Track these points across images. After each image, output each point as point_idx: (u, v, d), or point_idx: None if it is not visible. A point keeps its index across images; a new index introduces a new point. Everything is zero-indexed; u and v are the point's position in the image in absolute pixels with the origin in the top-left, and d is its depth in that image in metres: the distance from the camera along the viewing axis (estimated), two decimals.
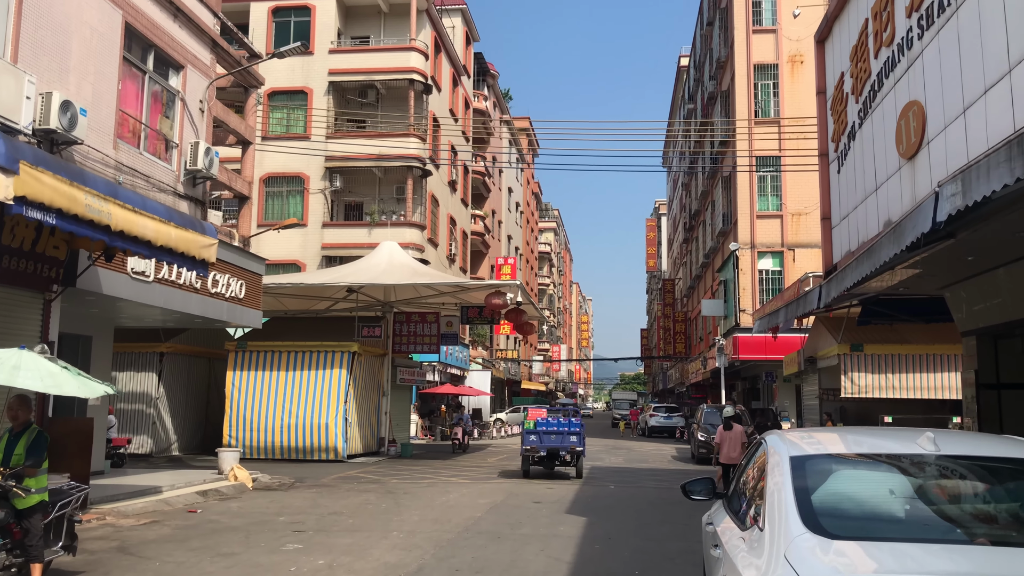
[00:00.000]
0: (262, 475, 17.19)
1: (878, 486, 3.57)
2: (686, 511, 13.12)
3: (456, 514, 12.28)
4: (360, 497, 14.41)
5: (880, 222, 12.17)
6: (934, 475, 3.57)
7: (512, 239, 62.67)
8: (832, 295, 10.32)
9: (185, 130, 15.29)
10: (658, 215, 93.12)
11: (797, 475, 3.47)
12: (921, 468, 3.59)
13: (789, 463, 3.59)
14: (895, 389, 20.03)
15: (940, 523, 3.27)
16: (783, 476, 3.50)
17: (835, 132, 14.79)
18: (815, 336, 22.76)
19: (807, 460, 3.63)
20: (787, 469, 3.54)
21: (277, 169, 34.08)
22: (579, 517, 12.15)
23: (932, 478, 3.56)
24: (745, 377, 41.12)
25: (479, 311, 25.07)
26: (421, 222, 33.88)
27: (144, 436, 22.44)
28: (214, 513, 12.15)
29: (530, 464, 18.51)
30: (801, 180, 31.64)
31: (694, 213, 47.99)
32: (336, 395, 22.24)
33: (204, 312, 15.52)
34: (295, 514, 12.14)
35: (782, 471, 3.55)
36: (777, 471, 3.62)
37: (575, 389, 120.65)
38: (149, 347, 22.84)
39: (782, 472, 3.54)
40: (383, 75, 33.92)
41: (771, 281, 31.76)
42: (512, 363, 62.05)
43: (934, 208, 6.62)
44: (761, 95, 32.83)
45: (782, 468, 3.58)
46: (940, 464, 3.58)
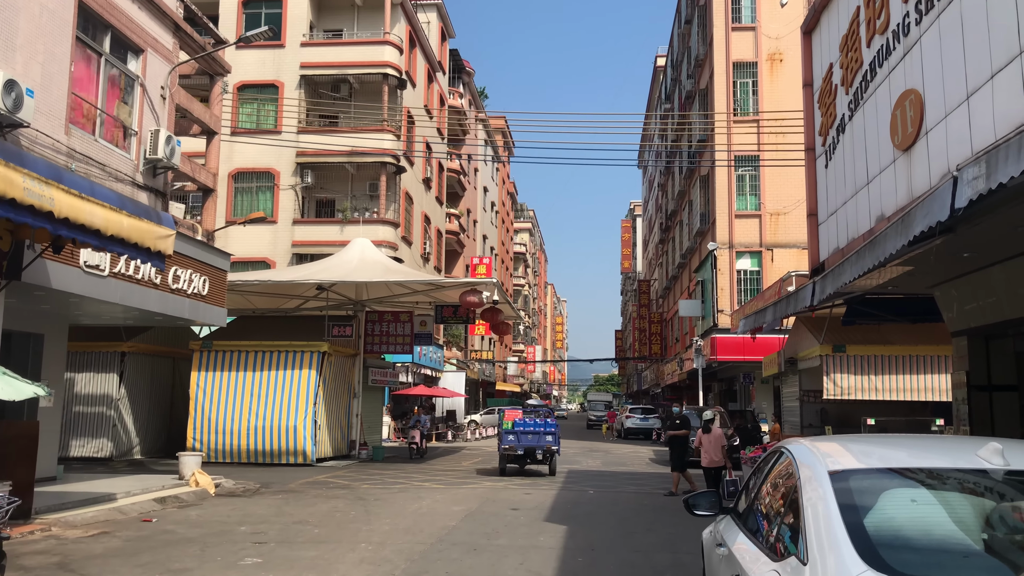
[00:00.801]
0: (226, 480, 16.41)
1: (942, 509, 2.97)
2: (670, 518, 12.57)
3: (429, 523, 11.62)
4: (328, 504, 13.70)
5: (872, 217, 11.70)
6: (1008, 495, 2.98)
7: (487, 239, 62.03)
8: (828, 291, 9.80)
9: (145, 117, 14.50)
10: (633, 216, 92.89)
11: (842, 495, 2.88)
12: (990, 486, 2.99)
13: (829, 479, 3.00)
14: (878, 391, 19.66)
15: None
16: (823, 496, 2.90)
17: (823, 126, 14.33)
18: (796, 337, 22.35)
19: (850, 476, 3.04)
20: (827, 487, 2.95)
21: (247, 164, 33.19)
22: (559, 525, 11.54)
23: (1007, 498, 2.97)
24: (722, 379, 40.76)
25: (454, 310, 24.39)
26: (395, 220, 33.15)
27: (104, 439, 21.54)
28: (171, 522, 11.40)
29: (507, 463, 19.59)
30: (780, 179, 31.33)
31: (670, 213, 47.63)
32: (305, 396, 21.48)
33: (164, 309, 14.72)
34: (257, 523, 11.42)
35: (820, 489, 2.96)
36: (813, 489, 3.03)
37: (549, 390, 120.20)
38: (110, 346, 21.94)
39: (821, 491, 2.95)
40: (356, 69, 33.15)
41: (749, 281, 31.39)
42: (487, 364, 61.38)
43: (952, 194, 6.09)
44: (740, 93, 32.46)
45: (820, 486, 2.99)
46: (1013, 481, 2.99)
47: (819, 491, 2.96)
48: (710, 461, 14.68)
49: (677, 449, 16.64)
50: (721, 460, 14.75)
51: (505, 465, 19.67)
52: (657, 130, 54.27)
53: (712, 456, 14.67)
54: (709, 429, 14.90)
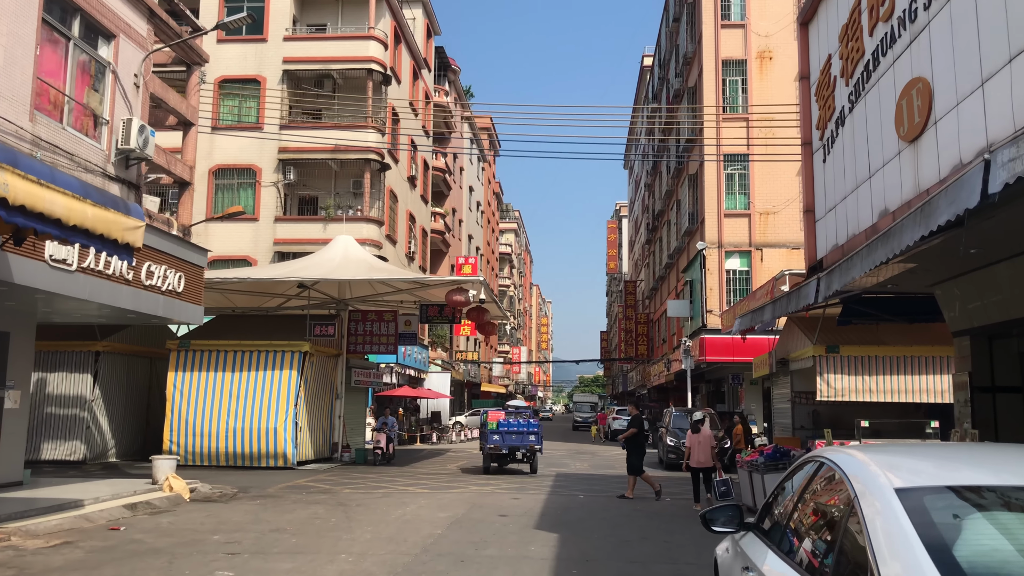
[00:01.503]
0: (202, 485, 15.79)
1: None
2: (665, 525, 12.08)
3: (413, 531, 11.06)
4: (307, 510, 13.12)
5: (875, 212, 11.26)
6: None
7: (473, 239, 61.47)
8: (835, 287, 9.33)
9: (117, 106, 13.87)
10: (619, 217, 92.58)
11: (919, 519, 2.36)
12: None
13: (898, 500, 2.48)
14: (872, 392, 19.26)
15: None
16: (895, 520, 2.39)
17: (820, 119, 13.90)
18: (787, 337, 21.94)
19: (924, 496, 2.52)
20: (898, 509, 2.44)
21: (227, 161, 32.51)
22: (550, 533, 11.01)
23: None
24: (710, 380, 40.39)
25: (439, 310, 23.85)
26: (379, 218, 32.54)
27: (77, 441, 20.83)
28: (140, 531, 10.79)
29: (491, 462, 20.66)
30: (769, 178, 30.97)
31: (657, 213, 47.24)
32: (286, 398, 20.86)
33: (137, 307, 14.08)
34: (232, 531, 10.83)
35: (888, 512, 2.45)
36: (877, 510, 2.51)
37: (534, 392, 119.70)
38: (83, 346, 21.24)
39: (890, 514, 2.44)
40: (340, 64, 32.54)
41: (739, 281, 31.00)
42: (472, 365, 60.81)
43: (984, 178, 5.62)
44: (729, 91, 32.08)
45: (886, 507, 2.48)
46: None
47: (885, 513, 2.45)
48: (698, 462, 14.57)
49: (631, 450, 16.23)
50: (710, 461, 14.57)
51: (489, 464, 20.70)
52: (644, 127, 53.91)
53: (700, 457, 14.53)
54: (698, 430, 14.74)
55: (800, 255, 30.55)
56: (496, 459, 20.70)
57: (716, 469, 14.71)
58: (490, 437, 20.37)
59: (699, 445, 14.64)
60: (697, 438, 14.77)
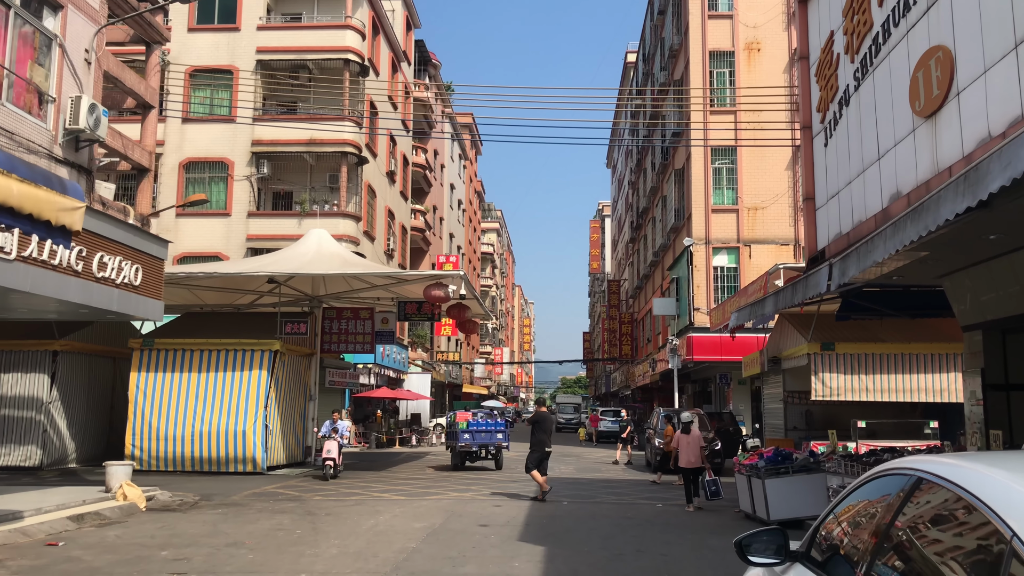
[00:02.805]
0: (161, 492, 14.71)
1: None
2: (659, 535, 11.15)
3: (385, 544, 10.06)
4: (271, 521, 12.09)
5: (885, 196, 10.40)
6: None
7: (454, 237, 60.45)
8: (851, 274, 8.43)
9: (65, 83, 12.79)
10: (602, 217, 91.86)
11: None
12: None
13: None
14: (869, 391, 18.43)
15: None
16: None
17: (821, 101, 13.06)
18: (779, 335, 21.13)
19: None
20: None
21: (198, 154, 31.35)
22: (535, 546, 10.04)
23: None
24: (696, 380, 39.59)
25: (418, 307, 22.84)
26: (356, 213, 31.47)
27: (33, 446, 19.67)
28: (80, 546, 9.73)
29: (461, 459, 22.17)
30: (758, 173, 30.21)
31: (642, 211, 46.44)
32: (255, 399, 19.78)
33: (88, 300, 12.98)
34: (184, 546, 9.79)
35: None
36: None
37: (517, 393, 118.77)
38: (40, 344, 20.09)
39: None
40: (316, 54, 31.44)
41: (727, 278, 30.19)
42: (453, 366, 59.76)
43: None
44: (716, 83, 31.30)
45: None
46: None
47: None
48: (688, 462, 14.55)
49: (534, 447, 15.78)
50: (699, 461, 14.47)
51: (459, 461, 22.22)
52: (628, 122, 53.12)
53: (690, 457, 14.49)
54: (688, 430, 14.74)
55: (790, 252, 29.92)
56: (465, 456, 22.31)
57: (706, 469, 14.59)
58: (460, 436, 21.70)
59: (688, 445, 14.57)
60: (687, 439, 14.73)
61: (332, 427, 19.53)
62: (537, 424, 15.95)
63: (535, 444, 15.77)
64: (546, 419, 16.21)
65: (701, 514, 13.75)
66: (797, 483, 11.86)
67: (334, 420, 19.70)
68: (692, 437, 14.80)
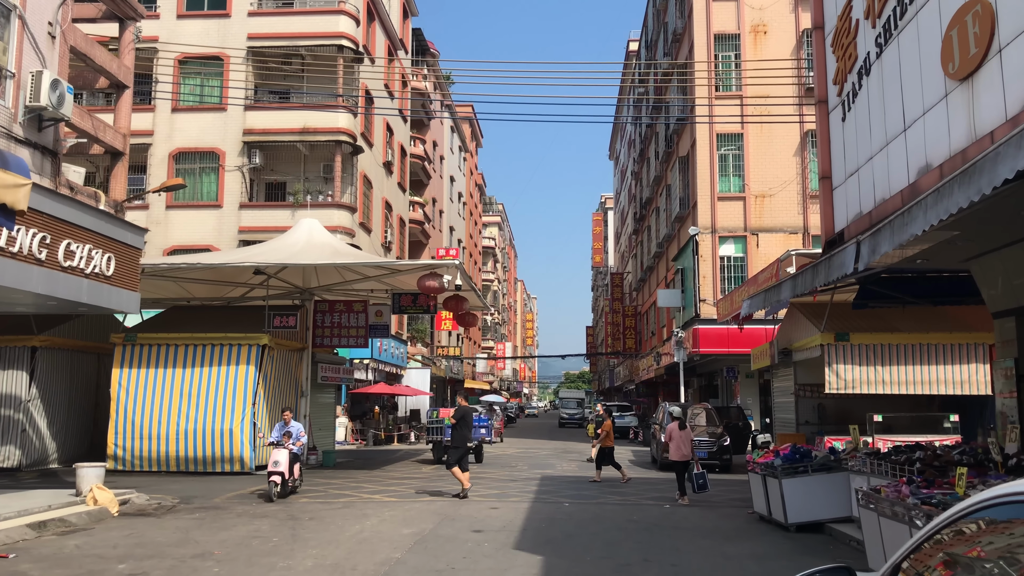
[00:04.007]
0: (138, 495, 13.85)
1: None
2: (668, 541, 10.25)
3: (368, 554, 9.17)
4: (249, 526, 11.21)
5: (912, 169, 9.50)
6: None
7: (455, 231, 59.51)
8: (883, 250, 7.51)
9: (26, 57, 11.90)
10: (604, 209, 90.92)
11: None
12: None
13: None
14: (885, 383, 17.51)
15: None
16: None
17: (838, 72, 12.15)
18: (789, 326, 20.22)
19: None
20: None
21: (189, 144, 30.46)
22: (532, 555, 9.15)
23: None
24: (701, 373, 38.70)
25: (413, 299, 21.93)
26: (351, 204, 30.56)
27: (11, 446, 18.82)
28: (32, 559, 8.85)
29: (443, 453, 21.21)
30: (765, 159, 29.27)
31: (645, 201, 45.49)
32: (242, 396, 18.90)
33: (52, 291, 12.11)
34: (146, 558, 8.92)
35: None
36: None
37: (520, 388, 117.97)
38: (17, 340, 19.22)
39: None
40: (309, 40, 30.49)
41: (733, 268, 29.26)
42: (454, 361, 58.89)
43: None
44: (722, 67, 30.34)
45: None
46: None
47: None
48: (681, 455, 15.07)
49: (457, 443, 15.35)
50: (690, 454, 15.08)
51: (440, 454, 22.22)
52: (632, 104, 52.14)
53: (684, 451, 15.07)
54: (685, 426, 15.37)
55: (799, 240, 28.95)
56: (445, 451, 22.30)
57: (695, 461, 15.14)
58: (445, 431, 21.99)
59: (682, 440, 15.14)
60: (682, 433, 15.23)
61: (283, 430, 15.15)
62: (460, 420, 15.47)
63: (456, 440, 15.31)
64: (469, 415, 15.85)
65: (712, 516, 12.87)
66: (817, 483, 10.96)
67: (285, 421, 15.38)
68: (687, 432, 15.27)
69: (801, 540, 10.41)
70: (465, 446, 15.22)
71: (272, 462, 14.38)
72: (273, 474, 14.18)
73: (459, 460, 14.86)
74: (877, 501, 7.14)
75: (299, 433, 15.21)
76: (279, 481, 14.13)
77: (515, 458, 25.40)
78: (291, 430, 15.07)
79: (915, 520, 6.38)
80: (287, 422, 15.29)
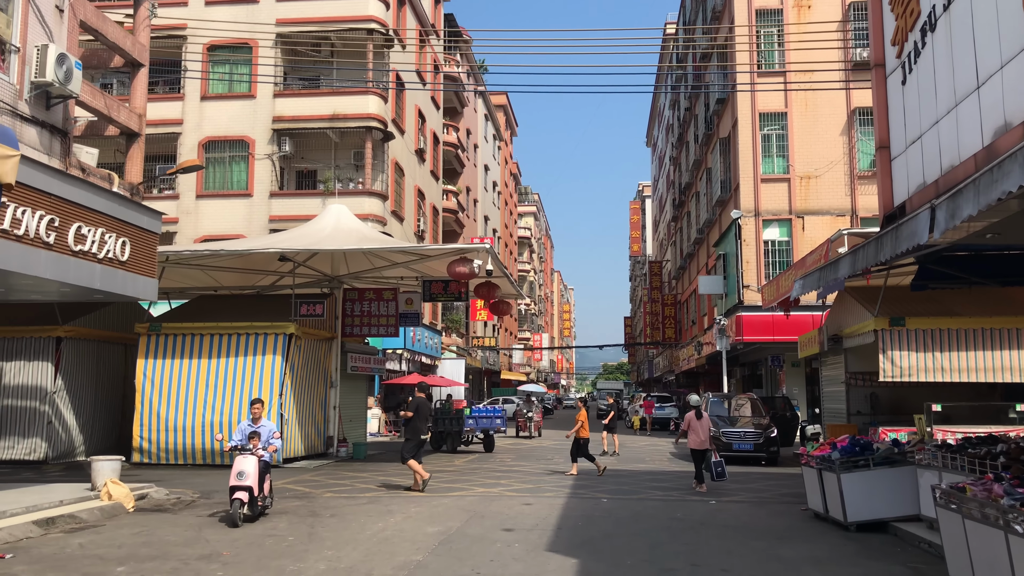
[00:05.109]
0: (157, 490, 13.31)
1: None
2: (717, 541, 9.37)
3: (386, 556, 8.44)
4: (265, 524, 10.55)
5: (987, 131, 8.48)
6: None
7: (489, 220, 58.78)
8: (966, 213, 6.55)
9: (32, 31, 11.33)
10: (642, 198, 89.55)
11: None
12: None
13: None
14: (944, 371, 16.36)
15: None
16: None
17: (898, 31, 11.11)
18: (839, 311, 19.15)
19: None
20: None
21: (218, 132, 30.08)
22: (567, 559, 8.34)
23: None
24: (744, 363, 37.58)
25: (444, 286, 21.23)
26: (383, 191, 29.93)
27: (37, 439, 18.46)
28: (29, 560, 8.26)
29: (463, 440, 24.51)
30: (810, 138, 28.06)
31: (684, 187, 44.32)
32: (268, 386, 18.34)
33: (62, 276, 11.55)
34: (149, 559, 8.28)
35: None
36: None
37: (557, 379, 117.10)
38: (42, 331, 18.87)
39: None
40: (338, 25, 29.89)
41: (778, 253, 28.12)
42: (491, 352, 58.24)
43: None
44: (764, 44, 29.15)
45: None
46: None
47: None
48: (699, 444, 15.22)
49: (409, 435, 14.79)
50: (708, 443, 15.25)
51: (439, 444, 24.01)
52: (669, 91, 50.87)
53: (701, 439, 15.21)
54: (702, 415, 15.48)
55: (847, 223, 27.70)
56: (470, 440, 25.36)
57: (712, 449, 15.35)
58: (467, 421, 23.82)
59: (701, 428, 15.27)
60: (700, 422, 15.34)
61: (250, 430, 11.39)
62: (416, 412, 14.69)
63: (410, 432, 14.65)
64: (424, 406, 15.06)
65: (762, 513, 11.94)
66: (879, 478, 9.99)
67: (254, 418, 11.69)
68: (704, 421, 15.36)
69: (863, 541, 9.47)
70: (419, 438, 14.61)
71: (235, 473, 10.81)
72: (237, 489, 10.65)
73: (414, 452, 14.39)
74: (962, 501, 6.22)
75: (271, 434, 11.52)
76: (245, 499, 10.67)
77: (551, 451, 24.60)
78: (260, 430, 11.39)
79: (1013, 525, 5.45)
80: (256, 419, 11.67)
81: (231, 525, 10.36)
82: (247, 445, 11.18)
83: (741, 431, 20.82)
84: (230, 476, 10.83)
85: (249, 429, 11.43)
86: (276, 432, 11.65)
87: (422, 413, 14.84)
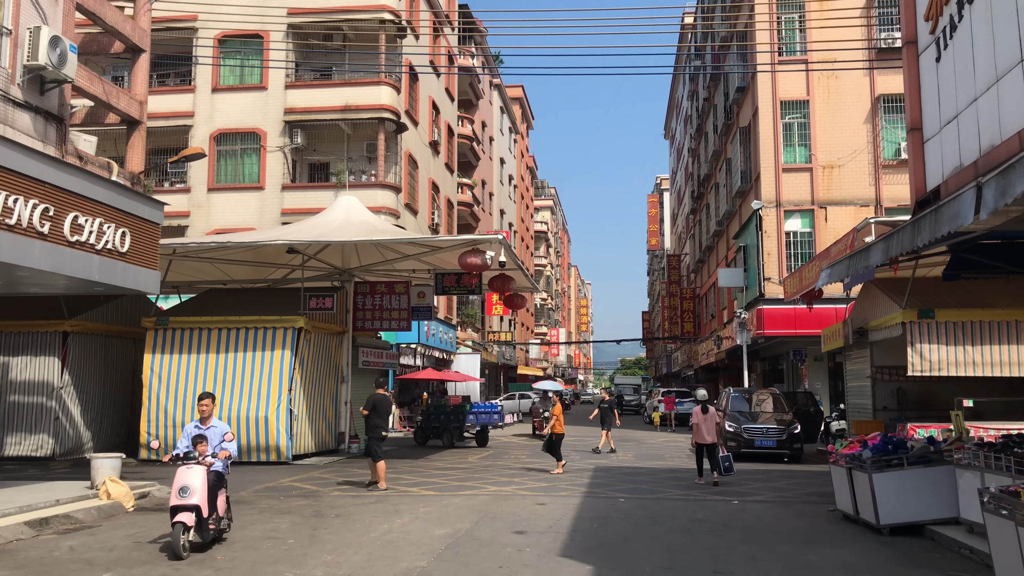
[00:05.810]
0: (160, 488, 12.92)
1: None
2: (739, 546, 8.81)
3: (388, 561, 7.95)
4: (267, 525, 10.11)
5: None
6: None
7: (505, 214, 58.23)
8: (1018, 190, 5.99)
9: (24, 13, 10.92)
10: (660, 191, 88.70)
11: None
12: None
13: None
14: (975, 365, 15.69)
15: None
16: None
17: (932, 6, 10.49)
18: (865, 303, 18.49)
19: None
20: None
21: (229, 125, 29.71)
22: (581, 564, 7.82)
23: None
24: (765, 357, 36.83)
25: (457, 279, 20.75)
26: (396, 184, 29.47)
27: (44, 435, 18.16)
28: (13, 564, 7.84)
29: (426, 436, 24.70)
30: (833, 127, 27.32)
31: (703, 178, 43.59)
32: (278, 382, 17.94)
33: (58, 268, 11.16)
34: (138, 564, 7.84)
35: None
36: None
37: (575, 374, 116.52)
38: (47, 325, 18.55)
39: None
40: (350, 14, 29.43)
41: (800, 244, 27.41)
42: (507, 347, 57.74)
43: None
44: (785, 29, 28.43)
45: None
46: None
47: None
48: (703, 439, 15.38)
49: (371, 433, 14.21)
50: (715, 438, 15.29)
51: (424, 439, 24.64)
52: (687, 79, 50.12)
53: (707, 434, 15.29)
54: (707, 410, 15.46)
55: (870, 213, 26.94)
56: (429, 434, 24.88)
57: (720, 445, 15.39)
58: (468, 417, 24.35)
59: (707, 423, 15.30)
60: (706, 417, 15.34)
61: (196, 434, 9.00)
62: (373, 409, 14.06)
63: (370, 431, 14.05)
64: (383, 402, 14.35)
65: (787, 514, 11.36)
66: (914, 478, 9.39)
67: (202, 417, 9.31)
68: (710, 416, 15.35)
69: (898, 546, 8.88)
70: (380, 435, 14.03)
71: (178, 489, 8.50)
72: (180, 510, 8.42)
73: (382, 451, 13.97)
74: (1015, 507, 5.65)
75: (223, 436, 9.23)
76: (190, 522, 8.40)
77: (566, 447, 24.00)
78: (208, 434, 9.02)
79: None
80: (204, 418, 9.28)
81: (173, 557, 8.16)
82: (193, 453, 8.75)
83: (763, 427, 20.20)
84: (171, 494, 8.58)
85: (195, 432, 9.02)
86: (229, 433, 9.31)
87: (379, 410, 14.14)
